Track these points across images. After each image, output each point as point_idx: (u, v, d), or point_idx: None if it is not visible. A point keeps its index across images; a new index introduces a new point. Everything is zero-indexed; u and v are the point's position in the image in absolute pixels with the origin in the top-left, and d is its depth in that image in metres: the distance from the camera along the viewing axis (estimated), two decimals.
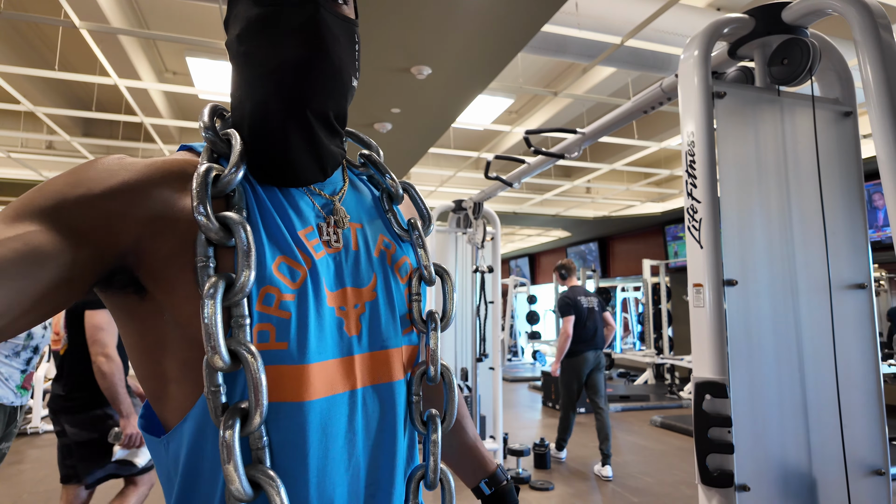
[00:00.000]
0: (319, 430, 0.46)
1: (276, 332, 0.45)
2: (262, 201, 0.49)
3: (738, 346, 1.24)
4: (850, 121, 1.42)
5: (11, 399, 2.10)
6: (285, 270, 0.47)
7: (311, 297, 0.47)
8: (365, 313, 0.52)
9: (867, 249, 1.37)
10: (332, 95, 0.51)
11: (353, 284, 0.51)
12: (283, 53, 0.48)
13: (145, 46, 4.37)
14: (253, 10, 0.49)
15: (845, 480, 1.26)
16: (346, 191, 0.56)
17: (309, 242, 0.49)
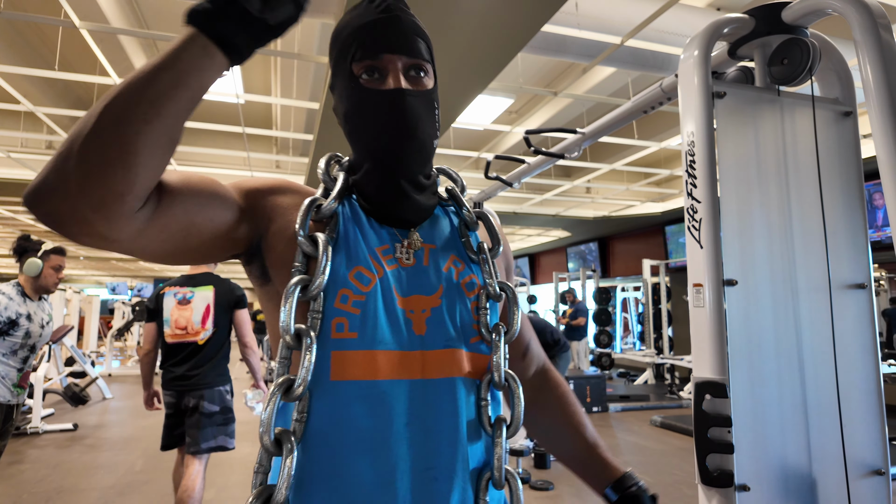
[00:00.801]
0: (382, 406, 0.56)
1: (349, 324, 0.58)
2: (354, 225, 0.63)
3: (738, 346, 1.24)
4: (849, 121, 1.42)
5: (8, 397, 2.10)
6: (359, 277, 0.60)
7: (379, 299, 0.59)
8: (430, 317, 0.61)
9: (867, 249, 1.37)
10: (419, 163, 0.64)
11: (421, 293, 0.62)
12: (381, 137, 0.61)
13: (145, 46, 4.37)
14: (353, 95, 0.62)
15: (845, 480, 1.26)
16: (431, 220, 0.68)
17: (383, 258, 0.62)
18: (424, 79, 0.63)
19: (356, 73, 0.61)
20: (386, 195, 0.64)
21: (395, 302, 0.60)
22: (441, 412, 0.58)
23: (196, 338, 2.38)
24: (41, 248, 2.26)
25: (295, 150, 6.51)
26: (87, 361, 6.73)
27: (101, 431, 4.93)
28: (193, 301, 2.43)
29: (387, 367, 0.57)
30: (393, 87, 0.60)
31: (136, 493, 3.24)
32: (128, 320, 10.03)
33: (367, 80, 0.61)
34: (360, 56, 0.61)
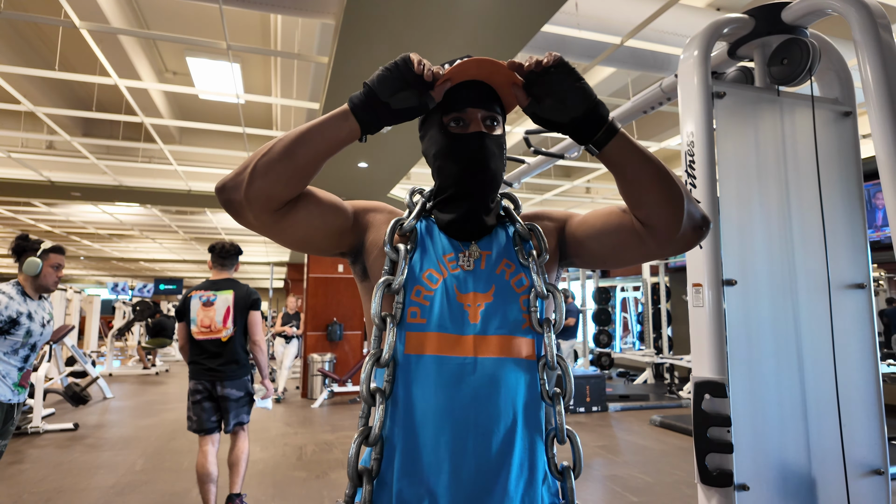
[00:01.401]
0: (446, 375, 0.75)
1: (421, 312, 0.78)
2: (429, 238, 0.84)
3: (737, 346, 1.24)
4: (849, 121, 1.42)
5: (9, 396, 2.10)
6: (430, 277, 0.80)
7: (443, 294, 0.79)
8: (483, 309, 0.79)
9: (866, 249, 1.37)
10: (491, 192, 0.82)
11: (476, 290, 0.80)
12: (465, 172, 0.80)
13: (145, 46, 4.37)
14: (442, 139, 0.81)
15: (844, 480, 1.26)
16: (491, 234, 0.86)
17: (448, 263, 0.81)
18: (497, 127, 0.81)
19: (445, 122, 0.80)
20: (464, 219, 0.82)
21: (455, 297, 0.79)
22: (493, 385, 0.75)
23: (219, 335, 2.74)
24: (40, 248, 2.26)
25: None
26: (87, 361, 6.73)
27: (102, 431, 4.93)
28: (216, 303, 2.79)
29: (446, 346, 0.76)
30: (474, 131, 0.79)
31: (136, 493, 3.24)
32: (128, 320, 10.03)
33: (454, 128, 0.80)
34: (449, 109, 0.79)
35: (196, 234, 11.70)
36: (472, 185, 0.80)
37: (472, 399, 0.74)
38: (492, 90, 0.79)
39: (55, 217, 9.56)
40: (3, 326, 2.09)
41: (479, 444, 0.73)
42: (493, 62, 0.73)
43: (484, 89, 0.79)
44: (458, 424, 0.73)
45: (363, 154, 5.01)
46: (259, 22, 4.11)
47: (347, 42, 2.92)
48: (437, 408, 0.74)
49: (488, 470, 0.72)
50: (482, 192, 0.80)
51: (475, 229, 0.83)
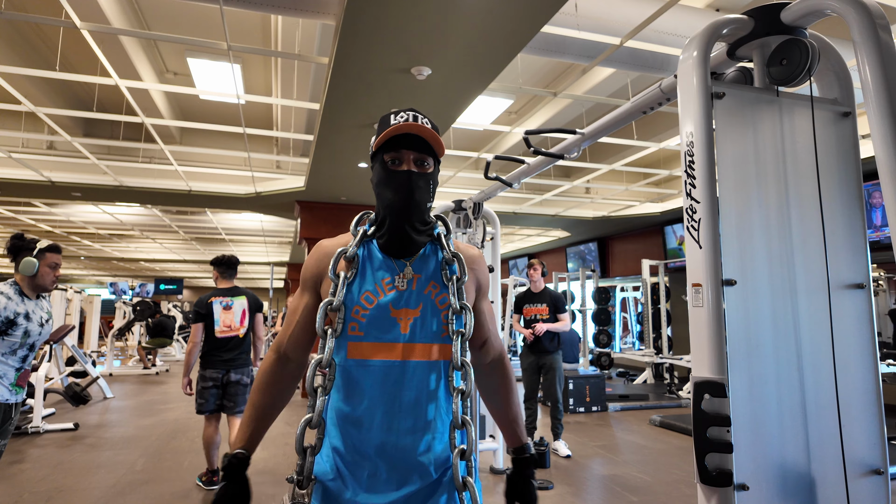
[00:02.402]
0: (381, 377, 0.95)
1: (359, 327, 0.96)
2: (369, 263, 1.01)
3: (736, 346, 1.24)
4: (848, 121, 1.42)
5: (6, 397, 2.09)
6: (367, 298, 0.98)
7: (381, 310, 0.97)
8: (412, 322, 0.98)
9: (866, 249, 1.37)
10: (417, 215, 1.02)
11: (407, 307, 0.99)
12: (395, 199, 0.99)
13: (146, 47, 4.37)
14: (381, 172, 1.01)
15: (844, 480, 1.27)
16: (418, 256, 1.04)
17: (385, 285, 0.99)
18: (427, 167, 1.01)
19: (386, 160, 1.00)
20: (394, 235, 1.01)
21: (389, 313, 0.97)
22: (422, 382, 0.96)
23: (238, 333, 3.34)
24: (35, 247, 2.23)
25: (295, 150, 6.52)
26: (88, 361, 6.73)
27: (102, 431, 4.93)
28: (233, 307, 3.37)
29: (380, 352, 0.96)
30: (404, 169, 0.99)
31: (136, 493, 3.24)
32: (129, 320, 10.03)
33: (391, 165, 1.00)
34: (389, 150, 1.00)
35: (196, 235, 11.70)
36: (400, 209, 0.99)
37: (398, 391, 0.95)
38: (427, 133, 0.98)
39: (56, 217, 9.56)
40: (1, 328, 2.07)
41: (401, 424, 0.94)
42: (424, 128, 0.98)
43: (417, 139, 0.99)
44: (388, 408, 0.94)
45: (364, 154, 5.02)
46: (259, 22, 4.12)
47: (348, 43, 2.92)
48: (372, 398, 0.94)
49: (406, 444, 0.94)
50: (408, 215, 1.00)
51: (405, 246, 1.01)
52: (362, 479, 0.93)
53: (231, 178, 6.80)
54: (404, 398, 0.95)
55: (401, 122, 0.98)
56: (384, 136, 0.97)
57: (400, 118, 0.99)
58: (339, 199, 6.95)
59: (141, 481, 3.47)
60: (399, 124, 0.97)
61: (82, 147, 5.51)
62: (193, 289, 27.95)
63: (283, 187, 6.71)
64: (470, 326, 0.98)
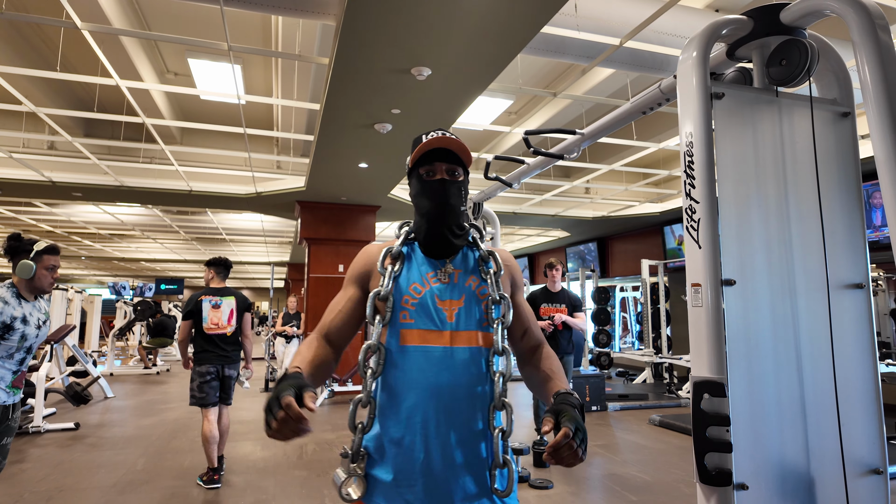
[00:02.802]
0: (430, 360, 1.03)
1: (408, 315, 1.06)
2: (414, 260, 1.13)
3: (736, 346, 1.25)
4: (848, 121, 1.43)
5: (3, 398, 2.08)
6: (415, 288, 1.08)
7: (427, 301, 1.07)
8: (457, 312, 1.08)
9: (865, 249, 1.37)
10: (452, 218, 1.13)
11: (451, 298, 1.09)
12: (431, 205, 1.11)
13: (146, 47, 4.37)
14: (418, 184, 1.13)
15: (843, 479, 1.27)
16: (457, 256, 1.15)
17: (430, 278, 1.10)
18: (458, 175, 1.13)
19: (421, 173, 1.12)
20: (433, 239, 1.12)
21: (435, 303, 1.08)
22: (466, 367, 1.04)
23: (225, 330, 3.57)
24: (33, 249, 2.18)
25: (296, 150, 6.52)
26: (88, 361, 6.74)
27: (103, 431, 4.94)
28: (222, 306, 3.59)
29: (429, 338, 1.05)
30: (438, 178, 1.11)
31: (137, 492, 3.24)
32: (129, 320, 10.03)
33: (426, 177, 1.12)
34: (422, 163, 1.12)
35: (197, 234, 11.71)
36: (436, 214, 1.11)
37: (446, 375, 1.03)
38: (456, 146, 1.11)
39: (56, 217, 9.57)
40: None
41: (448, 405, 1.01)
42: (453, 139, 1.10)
43: (447, 152, 1.11)
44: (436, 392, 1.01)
45: (363, 154, 5.02)
46: (260, 23, 4.12)
47: (348, 43, 2.92)
48: (421, 381, 1.02)
49: (455, 421, 1.01)
50: (444, 219, 1.11)
51: (444, 248, 1.12)
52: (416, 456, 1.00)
53: (231, 178, 6.81)
54: (450, 380, 1.03)
55: (431, 137, 1.11)
56: (418, 151, 1.10)
57: (429, 136, 1.12)
58: (340, 199, 6.95)
59: (141, 481, 3.47)
60: (430, 140, 1.10)
61: (83, 147, 5.52)
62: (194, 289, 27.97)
63: (284, 187, 6.71)
64: (508, 315, 1.08)
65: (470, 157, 1.13)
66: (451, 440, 1.00)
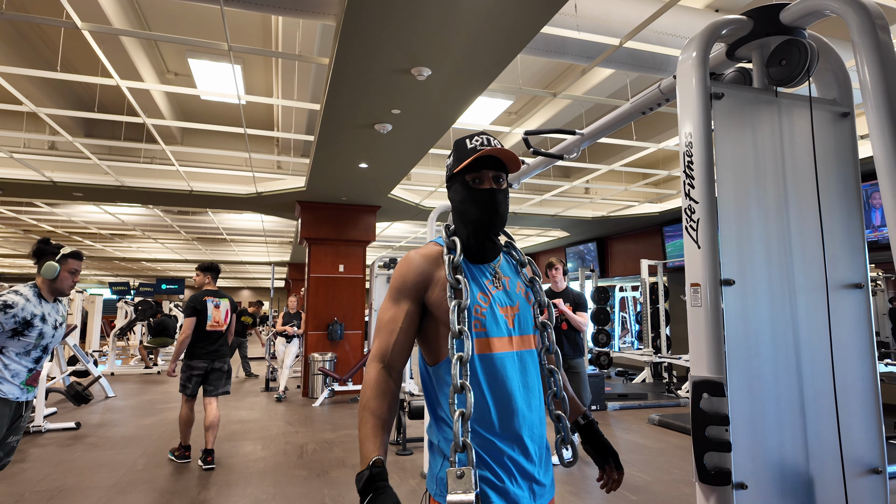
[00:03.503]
0: (504, 367, 1.08)
1: (480, 324, 1.08)
2: (471, 268, 1.14)
3: (735, 346, 1.25)
4: (847, 122, 1.43)
5: (17, 394, 2.14)
6: (481, 298, 1.10)
7: (494, 309, 1.10)
8: (515, 317, 1.13)
9: (864, 249, 1.38)
10: (501, 226, 1.16)
11: (509, 304, 1.13)
12: (482, 214, 1.12)
13: (147, 47, 4.38)
14: (465, 191, 1.14)
15: (842, 479, 1.27)
16: (502, 262, 1.19)
17: (489, 287, 1.13)
18: (503, 182, 1.15)
19: (468, 179, 1.13)
20: (480, 247, 1.15)
21: (499, 311, 1.11)
22: (531, 367, 1.13)
23: (222, 328, 4.01)
24: (59, 252, 2.29)
25: (296, 150, 6.52)
26: (89, 360, 6.75)
27: (104, 430, 4.94)
28: (221, 307, 4.03)
29: (499, 346, 1.09)
30: (487, 188, 1.12)
31: (137, 492, 3.25)
32: (130, 319, 10.04)
33: (473, 184, 1.12)
34: (471, 171, 1.12)
35: (198, 235, 11.71)
36: (487, 223, 1.12)
37: (522, 377, 1.10)
38: (503, 153, 1.11)
39: (57, 217, 9.58)
40: (17, 327, 2.12)
41: (527, 403, 1.10)
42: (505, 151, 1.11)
43: (493, 159, 1.12)
44: (515, 394, 1.07)
45: (364, 155, 5.02)
46: (260, 23, 4.12)
47: (348, 43, 2.93)
48: (502, 387, 1.06)
49: (532, 413, 1.10)
50: (493, 227, 1.13)
51: (487, 254, 1.15)
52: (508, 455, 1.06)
53: (232, 178, 6.81)
54: (525, 382, 1.10)
55: (477, 145, 1.13)
56: (470, 160, 1.10)
57: (476, 142, 1.14)
58: (340, 199, 6.95)
59: (142, 480, 3.48)
60: (483, 150, 1.10)
61: (84, 147, 5.52)
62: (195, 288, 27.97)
63: (284, 187, 6.71)
64: (552, 318, 1.20)
65: (518, 165, 1.13)
66: (540, 435, 1.11)
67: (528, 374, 1.10)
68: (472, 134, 1.14)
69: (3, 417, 2.09)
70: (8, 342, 2.12)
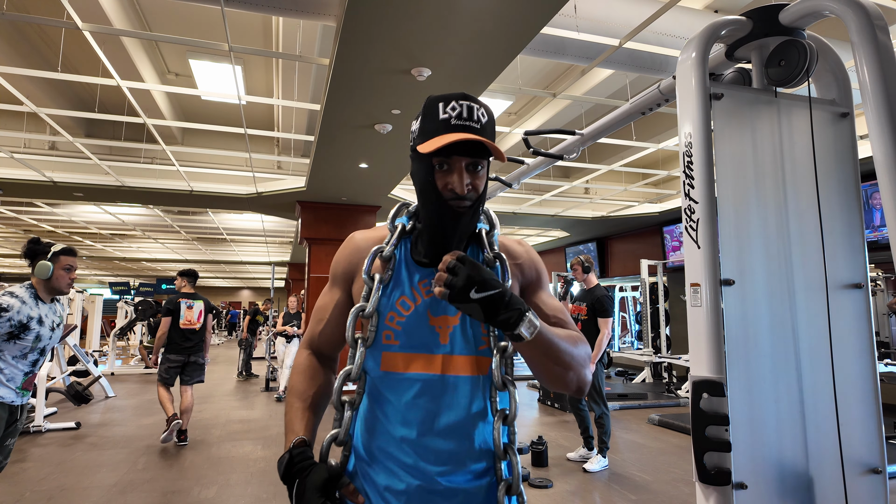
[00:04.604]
0: (418, 391, 0.85)
1: (394, 335, 0.86)
2: (405, 264, 0.90)
3: (735, 345, 1.25)
4: (846, 122, 1.43)
5: (12, 398, 2.10)
6: (402, 304, 0.87)
7: (415, 319, 0.86)
8: (451, 331, 0.87)
9: (864, 249, 1.38)
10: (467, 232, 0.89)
11: (447, 313, 0.87)
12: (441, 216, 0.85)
13: (147, 48, 4.38)
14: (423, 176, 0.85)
15: (842, 478, 1.27)
16: None
17: (422, 289, 0.88)
18: (479, 172, 0.85)
19: (434, 164, 0.83)
20: (436, 253, 0.87)
21: (427, 320, 0.87)
22: (454, 398, 0.85)
23: (196, 326, 4.53)
24: (50, 251, 2.24)
25: (296, 150, 6.53)
26: (89, 360, 6.75)
27: (104, 430, 4.95)
28: (194, 308, 4.55)
29: (417, 364, 0.85)
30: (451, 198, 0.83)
31: (138, 492, 3.25)
32: (130, 319, 10.04)
33: (438, 172, 0.83)
34: (437, 152, 0.81)
35: (198, 234, 11.72)
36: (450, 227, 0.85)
37: (437, 409, 0.84)
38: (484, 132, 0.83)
39: (58, 217, 9.58)
40: (13, 331, 2.08)
41: (438, 446, 0.83)
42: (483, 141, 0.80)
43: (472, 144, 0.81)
44: (424, 427, 0.83)
45: (363, 155, 5.02)
46: (261, 24, 4.13)
47: (348, 44, 2.93)
48: (406, 414, 0.84)
49: (440, 471, 0.83)
50: (456, 231, 0.86)
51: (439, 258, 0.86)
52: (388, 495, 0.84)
53: (232, 178, 6.82)
54: (442, 417, 0.83)
55: (452, 116, 0.81)
56: (435, 144, 0.79)
57: (452, 112, 0.81)
58: (340, 199, 6.96)
59: (143, 480, 3.48)
60: (453, 135, 0.79)
61: (84, 147, 5.52)
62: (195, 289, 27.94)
63: (284, 187, 6.72)
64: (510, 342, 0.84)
65: (502, 155, 0.82)
66: (434, 487, 0.82)
67: (452, 405, 0.84)
68: (449, 95, 0.83)
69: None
70: (3, 346, 2.08)
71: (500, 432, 0.83)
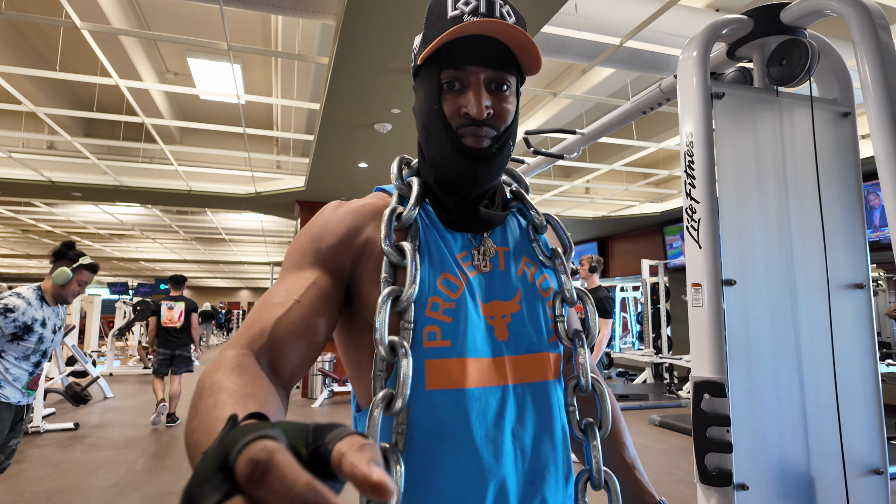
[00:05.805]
0: (478, 414, 0.56)
1: (441, 332, 0.57)
2: (433, 231, 0.62)
3: (736, 346, 1.25)
4: (848, 121, 1.42)
5: (18, 398, 2.14)
6: (447, 284, 0.59)
7: (467, 306, 0.59)
8: (511, 322, 0.62)
9: (865, 249, 1.37)
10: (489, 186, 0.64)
11: (501, 298, 0.62)
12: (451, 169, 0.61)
13: (146, 47, 4.37)
14: (426, 104, 0.61)
15: (843, 479, 1.27)
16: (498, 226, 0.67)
17: (464, 264, 0.62)
18: (507, 92, 0.59)
19: (441, 81, 0.59)
20: (462, 212, 0.63)
21: (478, 309, 0.60)
22: (537, 417, 0.60)
23: (176, 325, 5.23)
24: (77, 260, 2.25)
25: (296, 150, 6.52)
26: (88, 361, 6.74)
27: (102, 431, 4.94)
28: (174, 308, 5.26)
29: (478, 375, 0.57)
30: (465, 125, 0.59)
31: (136, 492, 3.24)
32: (129, 319, 10.03)
33: (447, 94, 0.59)
34: (446, 64, 0.58)
35: (197, 234, 11.71)
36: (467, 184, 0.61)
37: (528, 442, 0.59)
38: (508, 31, 0.55)
39: (56, 217, 9.57)
40: (17, 332, 2.10)
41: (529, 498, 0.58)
42: (506, 25, 0.55)
43: (493, 47, 0.57)
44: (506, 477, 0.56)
45: (363, 154, 5.02)
46: (260, 23, 4.12)
47: (348, 43, 2.92)
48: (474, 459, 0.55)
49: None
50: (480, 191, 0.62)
51: (485, 223, 0.64)
52: None
53: (231, 178, 6.81)
54: (522, 449, 0.58)
55: (466, 11, 0.56)
56: (438, 41, 0.55)
57: (463, 5, 0.56)
58: (340, 199, 6.95)
59: (141, 481, 3.47)
60: (464, 22, 0.54)
61: (82, 147, 5.51)
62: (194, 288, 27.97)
63: (284, 187, 6.71)
64: (595, 324, 0.64)
65: (537, 54, 0.57)
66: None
67: (526, 432, 0.59)
68: None
69: (4, 421, 2.09)
70: (7, 346, 2.10)
71: (599, 455, 0.62)
